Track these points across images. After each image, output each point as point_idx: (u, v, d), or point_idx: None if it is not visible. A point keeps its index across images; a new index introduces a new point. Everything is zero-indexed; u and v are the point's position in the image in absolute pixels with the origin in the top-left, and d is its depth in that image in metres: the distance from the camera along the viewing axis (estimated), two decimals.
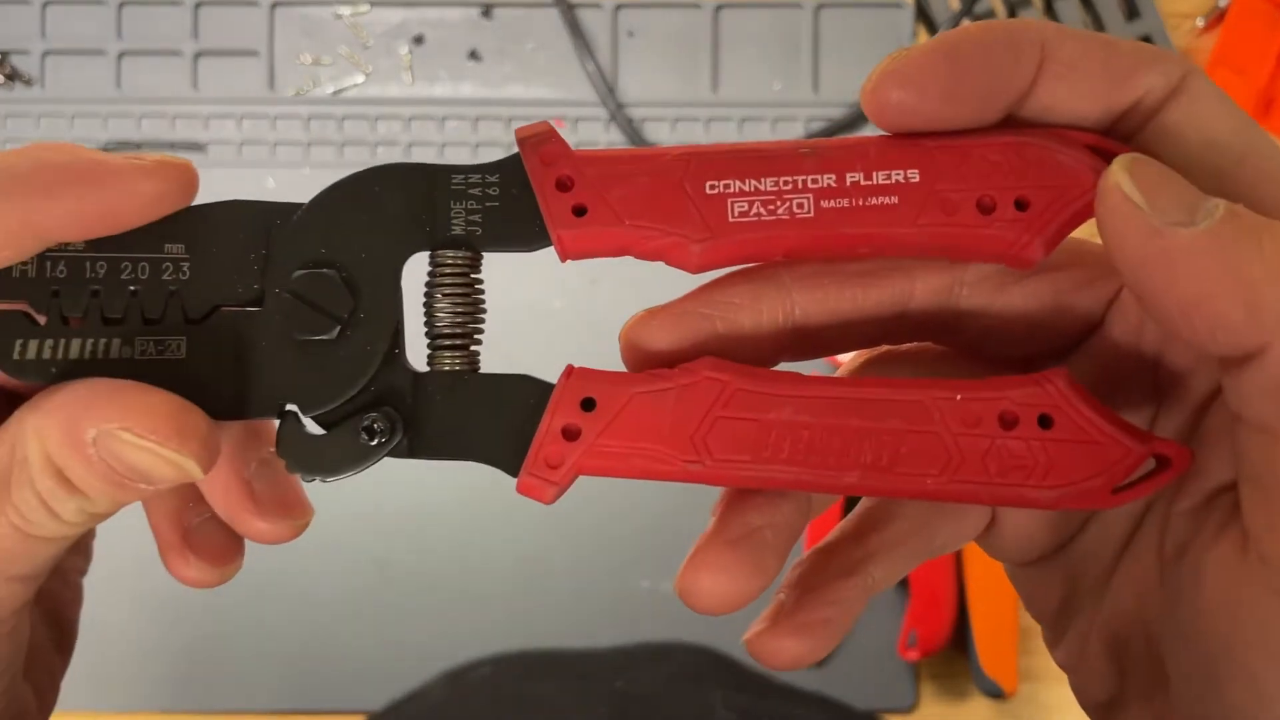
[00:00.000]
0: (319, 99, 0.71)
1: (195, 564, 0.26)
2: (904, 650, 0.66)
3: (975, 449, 0.21)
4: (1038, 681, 0.68)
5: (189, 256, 0.23)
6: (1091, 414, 0.21)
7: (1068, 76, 0.21)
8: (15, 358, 0.22)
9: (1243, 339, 0.19)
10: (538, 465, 0.22)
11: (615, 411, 0.22)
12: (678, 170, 0.22)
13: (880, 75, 0.21)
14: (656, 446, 0.22)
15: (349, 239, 0.23)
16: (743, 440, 0.22)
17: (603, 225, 0.22)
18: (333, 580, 0.68)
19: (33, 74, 0.71)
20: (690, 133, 0.71)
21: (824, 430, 0.21)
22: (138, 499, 0.23)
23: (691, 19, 0.71)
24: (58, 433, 0.21)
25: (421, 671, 0.64)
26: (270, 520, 0.25)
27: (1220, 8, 0.70)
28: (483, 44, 0.71)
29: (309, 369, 0.23)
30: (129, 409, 0.21)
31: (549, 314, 0.68)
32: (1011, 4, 0.70)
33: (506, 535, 0.68)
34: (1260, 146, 0.22)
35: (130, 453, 0.21)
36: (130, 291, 0.23)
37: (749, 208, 0.22)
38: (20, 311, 0.23)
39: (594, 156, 0.23)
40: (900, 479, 0.21)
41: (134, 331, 0.23)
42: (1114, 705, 0.25)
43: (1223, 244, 0.19)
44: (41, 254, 0.22)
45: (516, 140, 0.23)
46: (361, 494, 0.68)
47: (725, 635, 0.66)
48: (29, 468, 0.21)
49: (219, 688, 0.69)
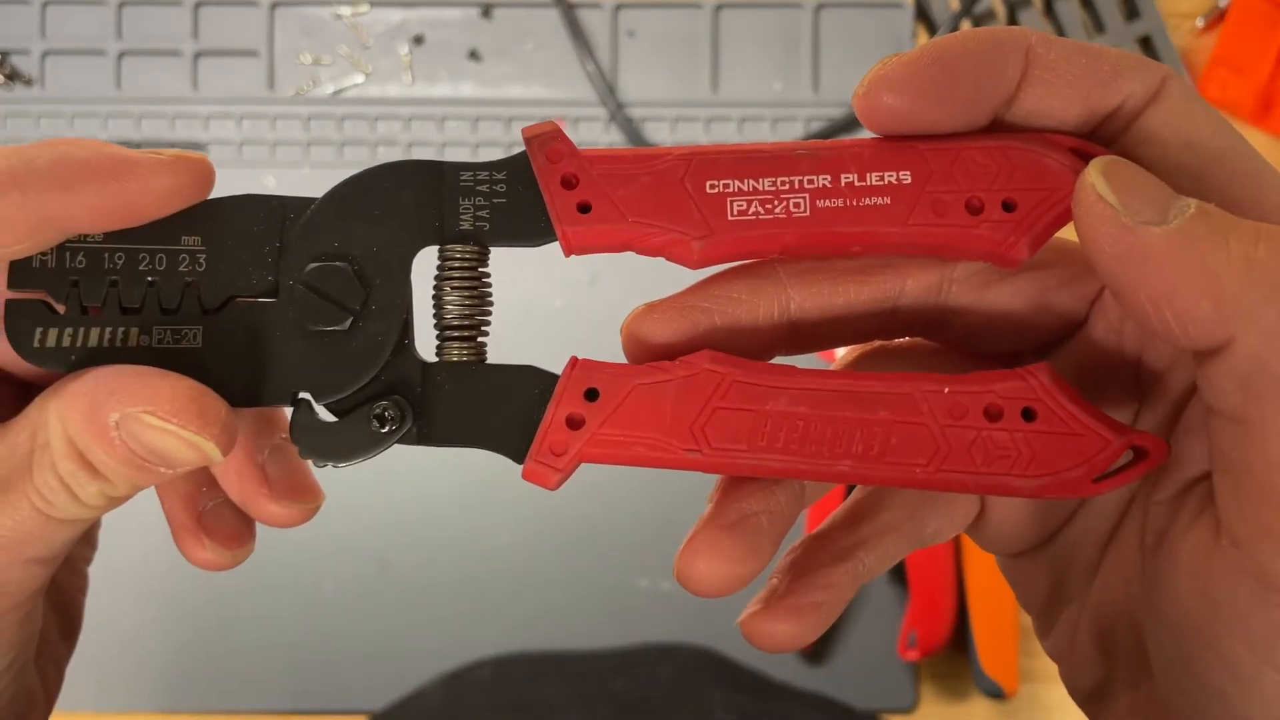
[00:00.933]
0: (319, 99, 0.71)
1: (209, 546, 0.26)
2: (904, 650, 0.66)
3: (962, 440, 0.22)
4: (1038, 681, 0.68)
5: (205, 249, 0.23)
6: (1073, 407, 0.22)
7: (1052, 82, 0.22)
8: (36, 345, 0.23)
9: (1211, 332, 0.20)
10: (543, 453, 0.23)
11: (618, 401, 0.23)
12: (679, 170, 0.23)
13: (872, 80, 0.22)
14: (657, 435, 0.23)
15: (361, 233, 0.23)
16: (740, 430, 0.22)
17: (606, 222, 0.23)
18: (333, 580, 0.68)
19: (33, 74, 0.71)
20: (690, 133, 0.71)
21: (817, 421, 0.22)
22: (156, 482, 0.23)
23: (691, 19, 0.71)
24: (80, 416, 0.22)
25: (422, 671, 0.64)
26: (283, 503, 0.26)
27: (1220, 8, 0.70)
28: (483, 44, 0.71)
29: (322, 358, 0.23)
30: (151, 393, 0.22)
31: (550, 312, 0.68)
32: (1011, 4, 0.70)
33: (506, 534, 0.68)
34: (1236, 147, 0.22)
35: (152, 435, 0.22)
36: (148, 282, 0.23)
37: (747, 206, 0.23)
38: (40, 300, 0.23)
39: (598, 156, 0.23)
40: (890, 468, 0.22)
41: (151, 321, 0.23)
42: (1102, 694, 0.25)
43: (1191, 241, 0.20)
44: (61, 245, 0.23)
45: (523, 139, 0.24)
46: (362, 494, 0.68)
47: (725, 636, 0.66)
48: (51, 451, 0.22)
49: (219, 688, 0.69)
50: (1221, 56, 0.70)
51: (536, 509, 0.68)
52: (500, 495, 0.67)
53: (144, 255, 0.23)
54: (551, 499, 0.67)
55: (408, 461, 0.68)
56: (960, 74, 0.22)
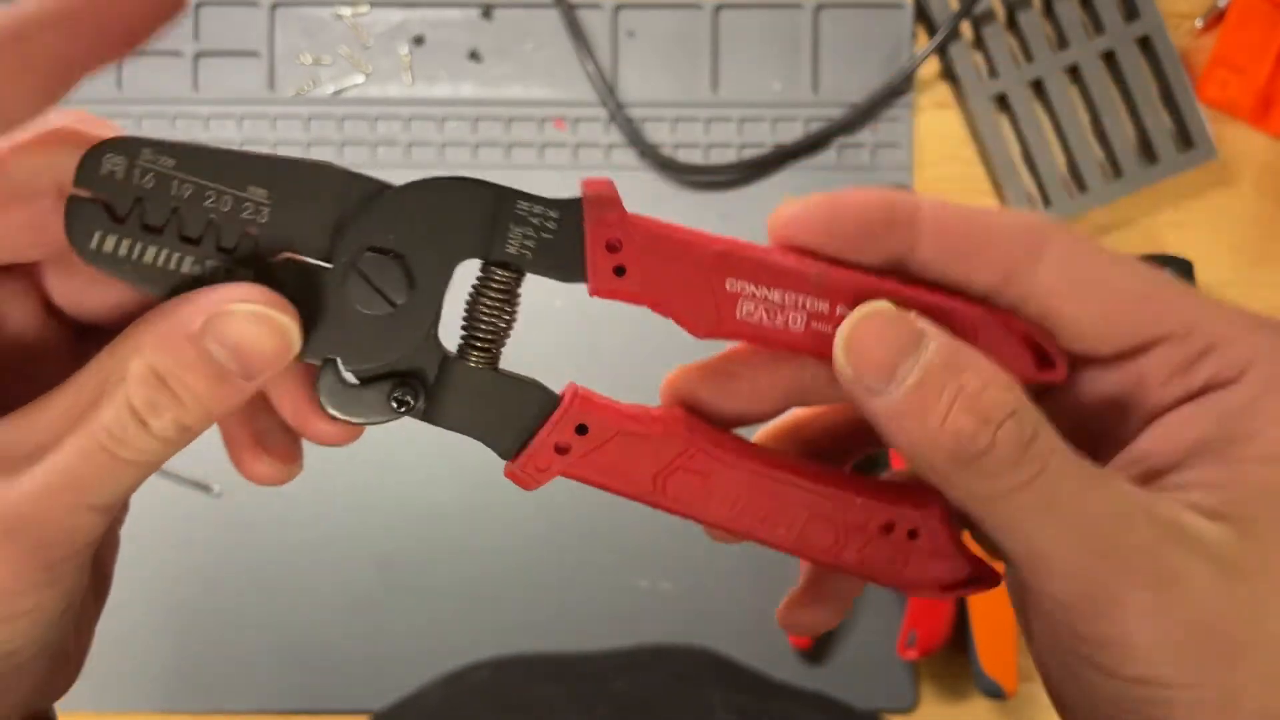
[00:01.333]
0: (319, 99, 0.71)
1: (267, 460, 0.28)
2: (904, 650, 0.66)
3: (857, 540, 0.27)
4: (1037, 681, 0.68)
5: (270, 202, 0.25)
6: (946, 538, 0.27)
7: (939, 246, 0.26)
8: (92, 247, 0.24)
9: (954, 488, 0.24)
10: (528, 465, 0.26)
11: (601, 441, 0.26)
12: (710, 265, 0.26)
13: (777, 222, 0.26)
14: (627, 474, 0.27)
15: (418, 233, 0.25)
16: (694, 489, 0.27)
17: (635, 286, 0.26)
18: (333, 581, 0.69)
19: None
20: (690, 133, 0.71)
21: (754, 499, 0.27)
22: (232, 404, 0.24)
23: (691, 19, 0.71)
24: (160, 335, 0.23)
25: (421, 671, 0.64)
26: (336, 424, 0.27)
27: (1220, 8, 0.70)
28: (483, 44, 0.71)
29: (357, 333, 0.25)
30: (234, 291, 0.23)
31: (550, 312, 0.68)
32: (1010, 5, 0.70)
33: (506, 535, 0.68)
34: (1131, 270, 0.25)
35: (242, 326, 0.23)
36: (210, 218, 0.24)
37: (754, 310, 0.26)
38: (102, 204, 0.24)
39: (646, 230, 0.26)
40: (804, 546, 0.27)
41: (206, 254, 0.24)
42: None
43: (907, 411, 0.23)
44: (133, 161, 0.24)
45: (583, 194, 0.26)
46: (362, 495, 0.68)
47: (725, 636, 0.67)
48: (124, 384, 0.23)
49: (219, 688, 0.69)
50: (1221, 56, 0.70)
51: (537, 510, 0.68)
52: (501, 496, 0.67)
53: (210, 192, 0.24)
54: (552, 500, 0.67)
55: (409, 462, 0.68)
56: (848, 221, 0.26)
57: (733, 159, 0.70)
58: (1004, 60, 0.70)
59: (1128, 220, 0.71)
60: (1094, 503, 0.23)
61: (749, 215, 0.69)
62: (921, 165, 0.71)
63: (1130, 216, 0.71)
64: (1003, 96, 0.70)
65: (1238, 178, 0.71)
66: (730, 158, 0.70)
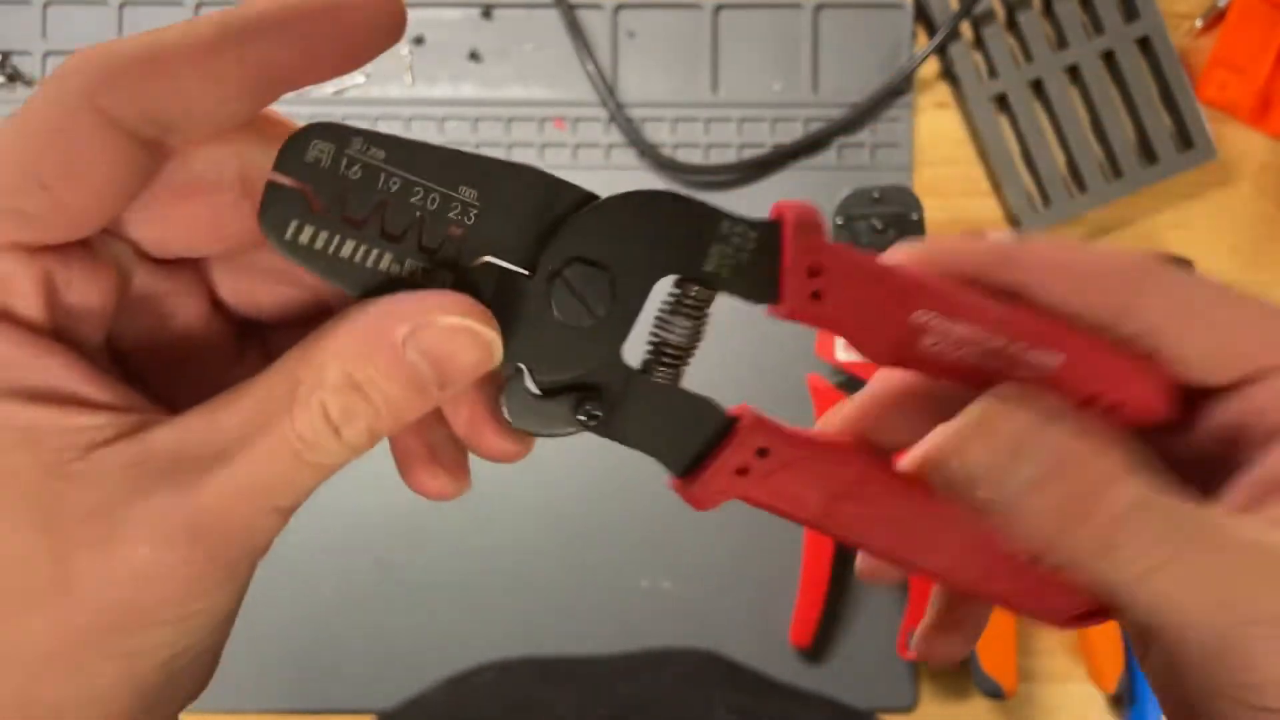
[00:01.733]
0: (319, 99, 0.71)
1: (441, 475, 0.27)
2: (904, 650, 0.66)
3: (1007, 570, 0.28)
4: (1038, 681, 0.68)
5: (479, 204, 0.24)
6: None
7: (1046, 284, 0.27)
8: (288, 237, 0.23)
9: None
10: (708, 485, 0.26)
11: (782, 464, 0.26)
12: (902, 296, 0.26)
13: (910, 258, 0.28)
14: (799, 499, 0.27)
15: (625, 247, 0.25)
16: (862, 517, 0.27)
17: (828, 311, 0.26)
18: (334, 581, 0.69)
19: (34, 74, 0.71)
20: (690, 133, 0.71)
21: (916, 527, 0.27)
22: (423, 412, 0.23)
23: (691, 19, 0.71)
24: (360, 343, 0.22)
25: (422, 671, 0.65)
26: (511, 440, 0.27)
27: (1220, 8, 0.70)
28: (483, 44, 0.71)
29: (551, 343, 0.25)
30: (439, 300, 0.23)
31: None
32: (1010, 5, 0.70)
33: (508, 536, 0.68)
34: (1238, 299, 0.26)
35: (445, 337, 0.22)
36: (416, 215, 0.23)
37: (938, 343, 0.26)
38: (302, 193, 0.23)
39: (845, 255, 0.26)
40: (956, 574, 0.28)
41: (408, 253, 0.23)
42: None
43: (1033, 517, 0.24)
44: (340, 150, 0.23)
45: (785, 220, 0.26)
46: (363, 496, 0.68)
47: (726, 637, 0.67)
48: (321, 390, 0.22)
49: (219, 688, 0.68)
50: (1220, 57, 0.70)
51: (539, 510, 0.68)
52: (502, 497, 0.67)
53: (419, 189, 0.23)
54: (553, 500, 0.67)
55: None
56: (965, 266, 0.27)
57: (732, 159, 0.70)
58: (1004, 60, 0.70)
59: (1127, 220, 0.71)
60: (1225, 566, 0.23)
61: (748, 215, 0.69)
62: (921, 165, 0.71)
63: (1130, 216, 0.71)
64: (1002, 96, 0.70)
65: (1237, 178, 0.71)
66: (730, 158, 0.70)
